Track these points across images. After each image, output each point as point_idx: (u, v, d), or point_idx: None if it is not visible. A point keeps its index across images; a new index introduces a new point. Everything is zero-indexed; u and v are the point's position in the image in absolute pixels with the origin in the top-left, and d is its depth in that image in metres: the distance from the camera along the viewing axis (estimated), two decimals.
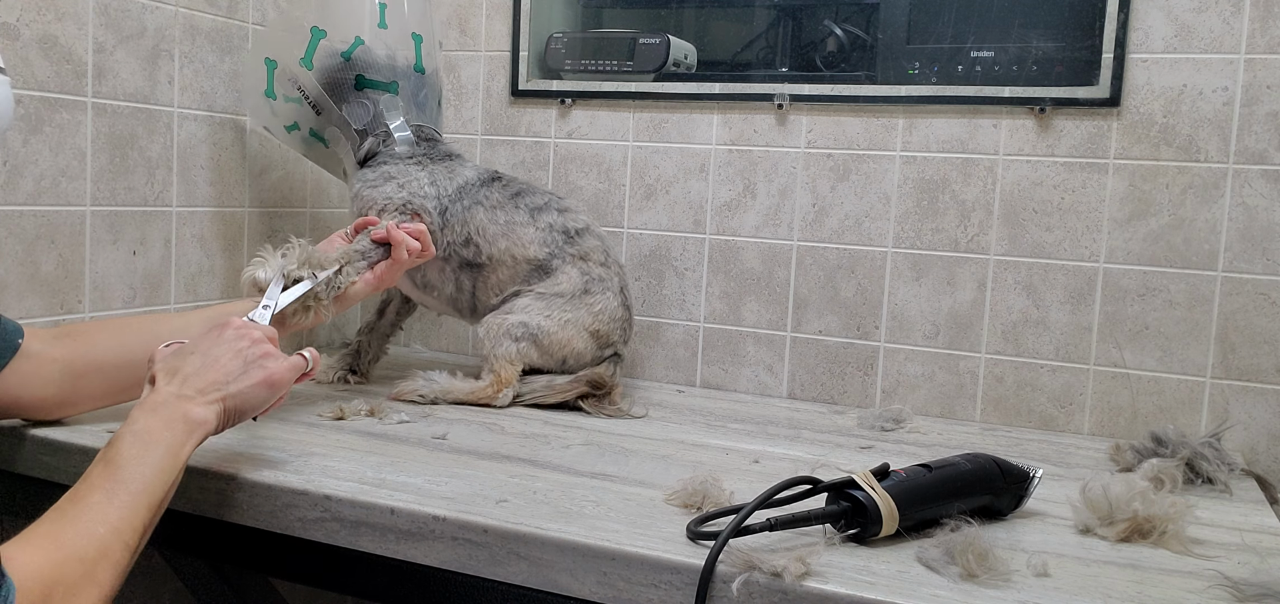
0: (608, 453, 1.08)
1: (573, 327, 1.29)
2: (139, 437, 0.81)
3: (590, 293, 1.30)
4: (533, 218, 1.32)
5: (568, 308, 1.29)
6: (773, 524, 0.78)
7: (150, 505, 0.79)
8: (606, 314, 1.31)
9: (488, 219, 1.31)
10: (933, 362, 1.39)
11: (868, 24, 1.43)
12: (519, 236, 1.31)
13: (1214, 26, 1.24)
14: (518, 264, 1.31)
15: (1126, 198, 1.29)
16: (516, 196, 1.33)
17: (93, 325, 1.06)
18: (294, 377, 0.95)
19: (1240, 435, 1.25)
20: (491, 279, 1.33)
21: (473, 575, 0.85)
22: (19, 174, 1.15)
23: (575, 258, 1.32)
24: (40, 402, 1.00)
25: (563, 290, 1.30)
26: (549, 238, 1.32)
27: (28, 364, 0.98)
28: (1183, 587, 0.77)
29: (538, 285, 1.31)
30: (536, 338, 1.27)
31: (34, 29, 1.15)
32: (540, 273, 1.31)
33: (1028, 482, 0.93)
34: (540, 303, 1.29)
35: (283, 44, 1.34)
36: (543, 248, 1.31)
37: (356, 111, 1.34)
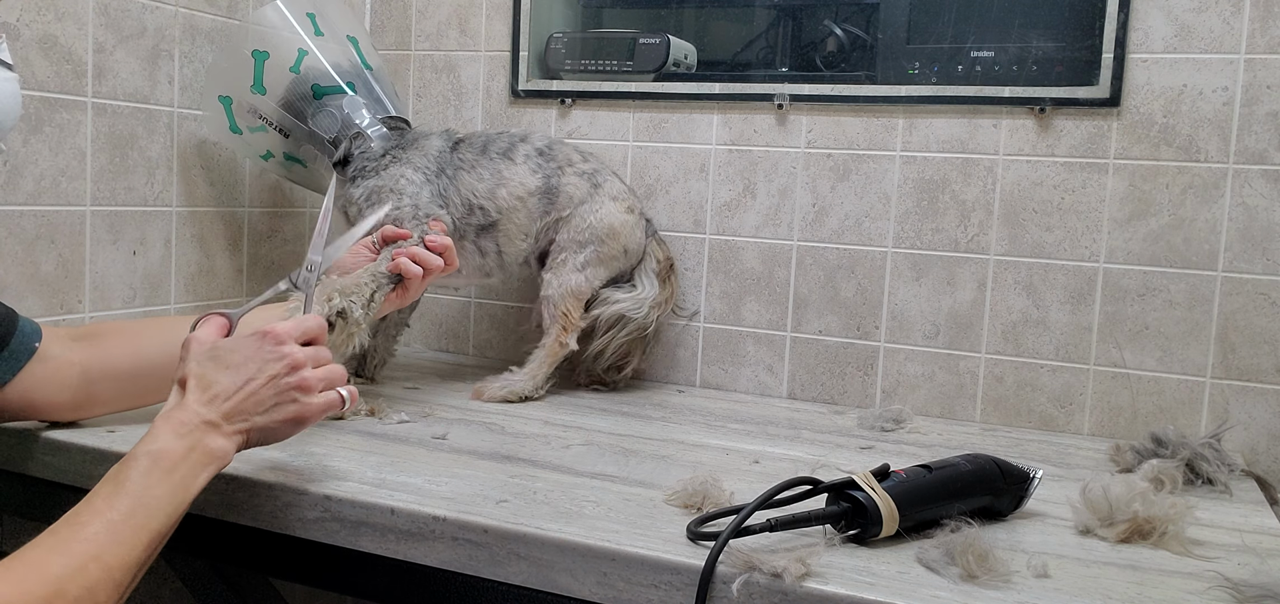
0: (608, 453, 1.08)
1: (612, 216, 1.34)
2: (156, 462, 0.78)
3: (599, 186, 1.36)
4: (510, 157, 1.35)
5: (596, 207, 1.34)
6: (773, 525, 0.78)
7: (150, 542, 0.76)
8: (622, 191, 1.37)
9: (475, 180, 1.33)
10: (933, 362, 1.39)
11: (868, 24, 1.43)
12: (510, 178, 1.34)
13: (1214, 26, 1.24)
14: (526, 202, 1.34)
15: (1126, 198, 1.29)
16: (485, 149, 1.36)
17: (110, 328, 1.05)
18: (324, 416, 0.90)
19: (1240, 436, 1.25)
20: (511, 228, 1.35)
21: (473, 575, 0.85)
22: (19, 174, 1.15)
23: (563, 167, 1.36)
24: (55, 405, 1.00)
25: (579, 199, 1.35)
26: (534, 165, 1.35)
27: (45, 367, 0.97)
28: (1183, 588, 0.77)
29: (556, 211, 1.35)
30: (598, 253, 1.33)
31: (34, 29, 1.15)
32: (547, 197, 1.35)
33: (1028, 482, 0.93)
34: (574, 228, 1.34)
35: (230, 77, 1.33)
36: (535, 174, 1.35)
37: (323, 121, 1.32)
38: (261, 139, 1.35)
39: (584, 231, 1.34)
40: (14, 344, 0.95)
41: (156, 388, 1.04)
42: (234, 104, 1.34)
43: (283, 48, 1.32)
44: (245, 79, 1.32)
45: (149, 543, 0.76)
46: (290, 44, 1.33)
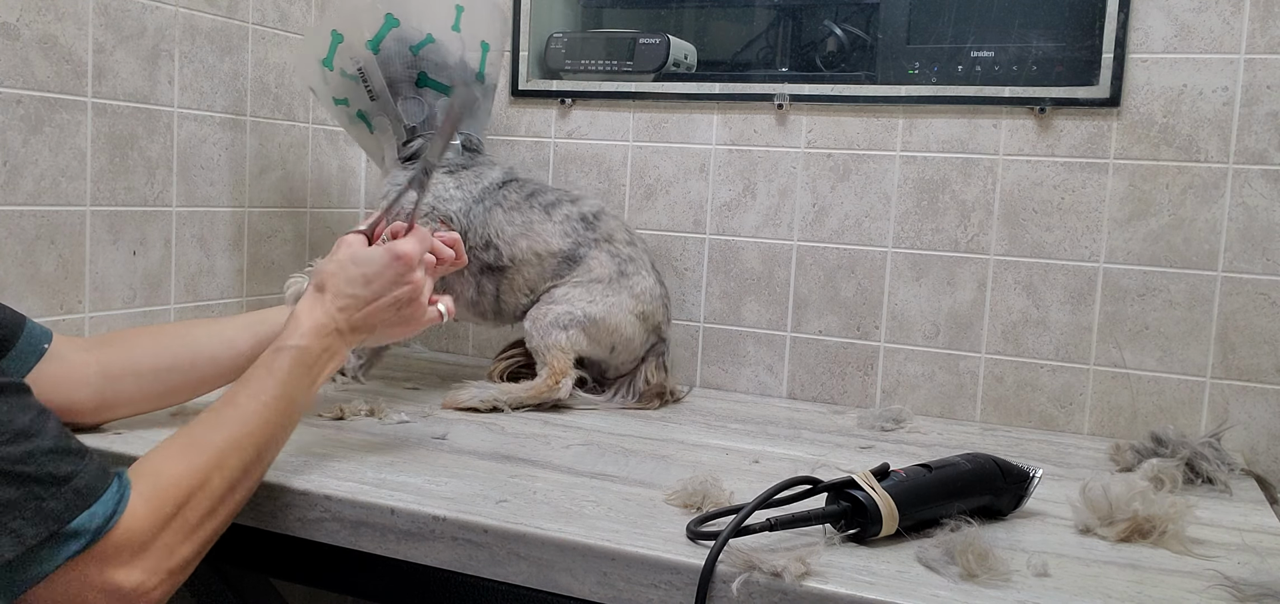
0: (608, 453, 1.08)
1: (619, 311, 1.28)
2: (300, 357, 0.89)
3: (626, 274, 1.30)
4: (548, 213, 1.32)
5: (609, 292, 1.28)
6: (773, 524, 0.78)
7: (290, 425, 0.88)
8: (647, 293, 1.31)
9: (505, 220, 1.30)
10: (933, 362, 1.39)
11: (868, 24, 1.43)
12: (538, 233, 1.30)
13: (1214, 26, 1.24)
14: (543, 260, 1.30)
15: (1126, 198, 1.29)
16: (531, 196, 1.33)
17: (130, 332, 1.05)
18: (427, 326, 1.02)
19: (1240, 435, 1.25)
20: (517, 280, 1.32)
21: (473, 575, 0.85)
22: (19, 174, 1.15)
23: (600, 242, 1.31)
24: (76, 405, 0.99)
25: (599, 276, 1.29)
26: (569, 228, 1.31)
27: (58, 367, 0.97)
28: (1183, 587, 0.77)
29: (571, 276, 1.30)
30: (584, 325, 1.27)
31: (34, 29, 1.15)
32: (569, 264, 1.31)
33: (1028, 482, 0.93)
34: (581, 290, 1.28)
35: (353, 21, 1.31)
36: (566, 238, 1.31)
37: (412, 108, 1.31)
38: (346, 86, 1.33)
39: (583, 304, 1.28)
40: (21, 344, 0.94)
41: (178, 389, 1.04)
42: (342, 44, 1.31)
43: (415, 22, 1.32)
44: (366, 31, 1.30)
45: (290, 426, 0.89)
46: (423, 24, 1.32)
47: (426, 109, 1.31)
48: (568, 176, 1.56)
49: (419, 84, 1.31)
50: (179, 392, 1.05)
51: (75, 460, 0.72)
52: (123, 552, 0.72)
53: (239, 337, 1.04)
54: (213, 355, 1.04)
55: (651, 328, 1.32)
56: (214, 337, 1.05)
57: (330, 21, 1.34)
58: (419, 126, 1.31)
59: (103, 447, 0.99)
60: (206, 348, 1.04)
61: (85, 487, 0.71)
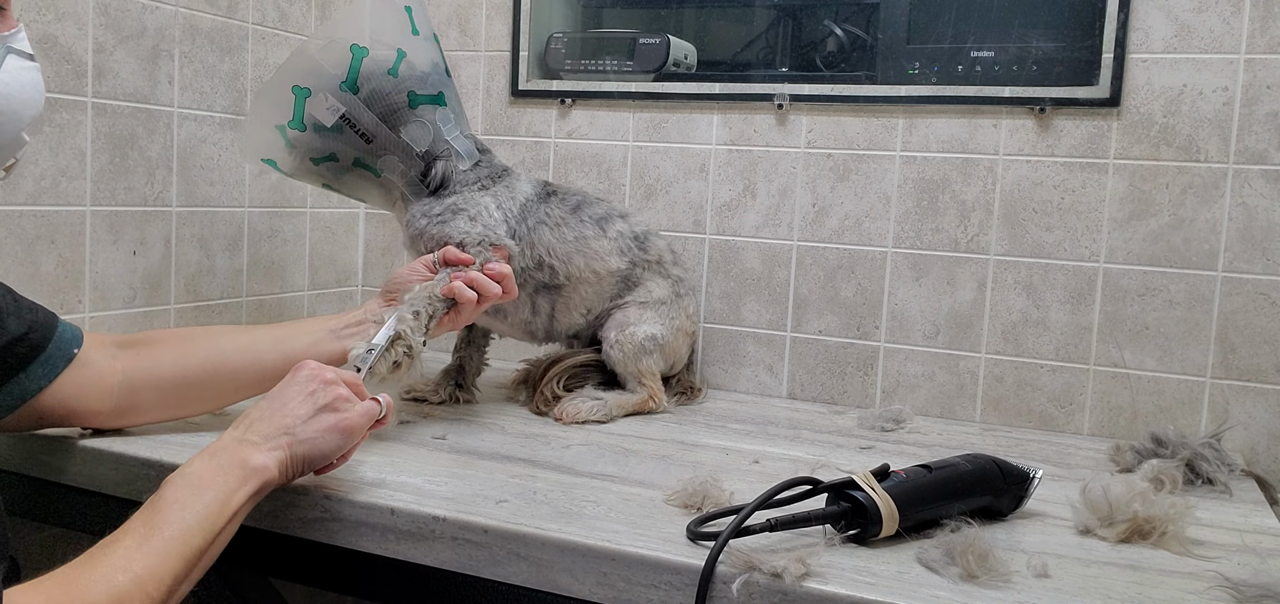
0: (608, 453, 1.08)
1: (679, 334, 1.33)
2: (189, 481, 0.79)
3: (681, 297, 1.34)
4: (602, 229, 1.29)
5: (672, 315, 1.32)
6: (773, 525, 0.78)
7: (185, 556, 0.75)
8: (692, 312, 1.37)
9: (556, 238, 1.26)
10: (933, 362, 1.39)
11: (868, 24, 1.43)
12: (594, 250, 1.28)
13: (1214, 26, 1.24)
14: (602, 280, 1.29)
15: (1126, 198, 1.29)
16: (577, 209, 1.29)
17: (159, 336, 1.04)
18: (368, 423, 0.90)
19: (1240, 436, 1.25)
20: (574, 298, 1.29)
21: (473, 576, 0.85)
22: (19, 174, 1.15)
23: (653, 264, 1.33)
24: (97, 412, 0.99)
25: (660, 298, 1.32)
26: (624, 247, 1.30)
27: (85, 373, 0.96)
28: (1183, 588, 0.77)
29: (630, 296, 1.31)
30: (661, 347, 1.30)
31: (34, 29, 1.15)
32: (626, 284, 1.31)
33: (1028, 482, 0.93)
34: (651, 313, 1.30)
35: (315, 69, 1.15)
36: (622, 258, 1.30)
37: (416, 133, 1.20)
38: (328, 141, 1.18)
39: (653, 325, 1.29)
40: (51, 349, 0.94)
41: (200, 400, 1.04)
42: (311, 97, 1.15)
43: (379, 47, 1.17)
44: (336, 71, 1.15)
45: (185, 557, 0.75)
46: (390, 43, 1.18)
47: (430, 128, 1.20)
48: (568, 177, 1.56)
49: (412, 105, 1.19)
50: (200, 403, 1.04)
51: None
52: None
53: (267, 353, 1.03)
54: (236, 370, 1.03)
55: (691, 345, 1.39)
56: (241, 349, 1.03)
57: (285, 80, 1.16)
58: (429, 149, 1.21)
59: (124, 451, 0.99)
60: (231, 362, 1.03)
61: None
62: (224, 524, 0.78)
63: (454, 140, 1.23)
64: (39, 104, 0.88)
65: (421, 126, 1.20)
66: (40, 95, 0.88)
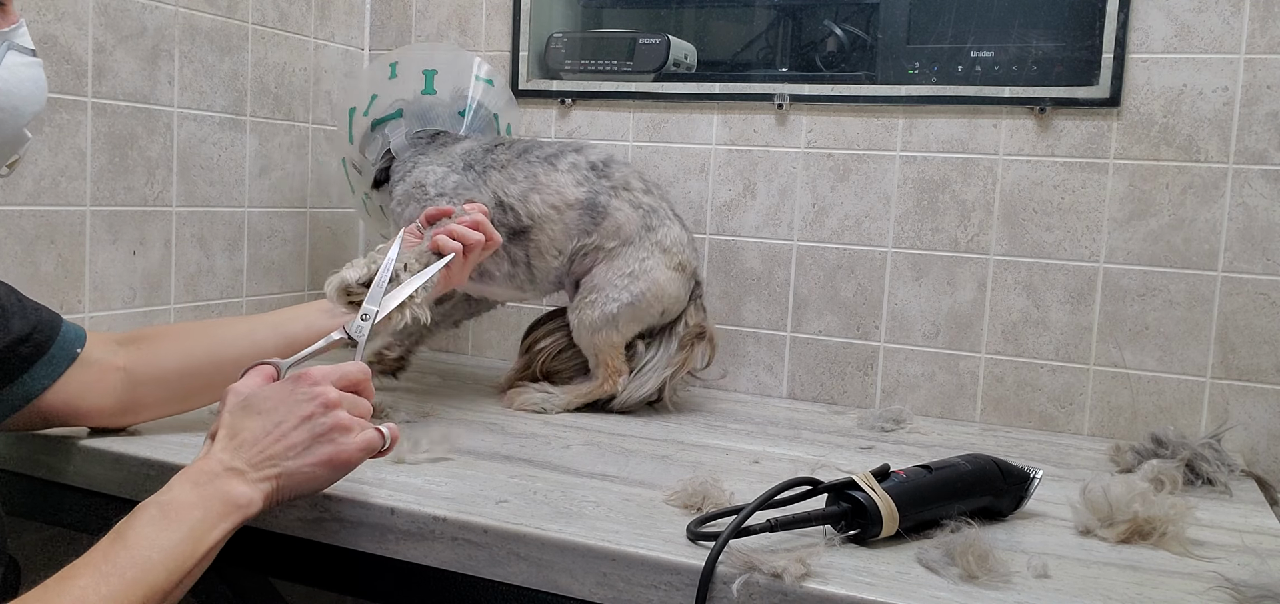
0: (608, 453, 1.08)
1: (657, 271, 1.22)
2: (164, 511, 0.73)
3: (652, 228, 1.25)
4: (552, 164, 1.25)
5: (643, 255, 1.23)
6: (773, 525, 0.78)
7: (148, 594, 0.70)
8: (677, 243, 1.25)
9: (506, 179, 1.24)
10: (933, 362, 1.39)
11: (868, 24, 1.43)
12: (548, 184, 1.23)
13: (1214, 26, 1.24)
14: (564, 214, 1.24)
15: (1126, 198, 1.29)
16: (524, 152, 1.27)
17: (158, 331, 1.03)
18: (365, 458, 0.83)
19: (1240, 436, 1.25)
20: (542, 240, 1.24)
21: (473, 576, 0.84)
22: (19, 174, 1.15)
23: (618, 189, 1.25)
24: (100, 410, 0.98)
25: (628, 235, 1.23)
26: (580, 176, 1.24)
27: (88, 372, 0.96)
28: (1183, 588, 0.77)
29: (599, 238, 1.24)
30: (631, 310, 1.22)
31: (34, 29, 1.15)
32: (592, 214, 1.24)
33: (1028, 483, 0.93)
34: (614, 271, 1.23)
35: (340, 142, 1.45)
36: (580, 186, 1.24)
37: (372, 148, 1.36)
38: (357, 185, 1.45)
39: (620, 285, 1.22)
40: (54, 349, 0.94)
41: (203, 391, 1.03)
42: (347, 163, 1.45)
43: (363, 96, 1.41)
44: (345, 136, 1.44)
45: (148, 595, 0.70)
46: (366, 89, 1.41)
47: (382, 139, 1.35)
48: None
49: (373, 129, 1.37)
50: (204, 394, 1.04)
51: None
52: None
53: (267, 338, 1.03)
54: (238, 359, 1.01)
55: (689, 275, 1.27)
56: (242, 338, 1.03)
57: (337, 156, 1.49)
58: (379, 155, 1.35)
59: (124, 451, 0.99)
60: (232, 350, 1.02)
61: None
62: (196, 562, 0.73)
63: (392, 138, 1.34)
64: (41, 100, 0.87)
65: (376, 141, 1.36)
66: (42, 92, 0.87)
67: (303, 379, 0.83)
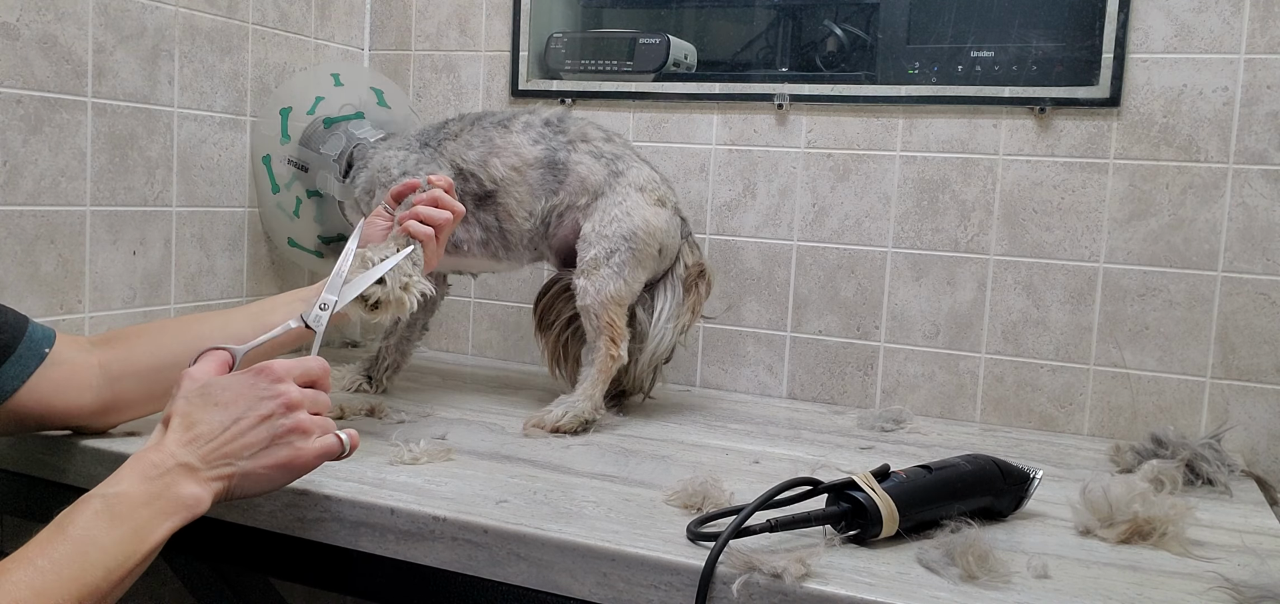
0: (607, 453, 1.08)
1: (642, 209, 1.18)
2: (108, 506, 0.71)
3: (620, 173, 1.21)
4: (505, 127, 1.24)
5: (620, 198, 1.19)
6: (773, 525, 0.78)
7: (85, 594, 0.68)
8: (650, 180, 1.22)
9: (462, 146, 1.24)
10: (933, 362, 1.39)
11: (868, 24, 1.43)
12: (504, 146, 1.23)
13: (1214, 26, 1.24)
14: (525, 175, 1.22)
15: (1126, 198, 1.29)
16: (477, 121, 1.27)
17: (133, 331, 1.02)
18: (319, 463, 0.83)
19: (1240, 436, 1.25)
20: (510, 203, 1.23)
21: (473, 576, 0.84)
22: (19, 174, 1.15)
23: (576, 141, 1.22)
24: (78, 408, 0.97)
25: (595, 186, 1.20)
26: (537, 135, 1.23)
27: (60, 371, 0.95)
28: (1183, 588, 0.77)
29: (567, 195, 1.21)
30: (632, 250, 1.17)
31: (34, 29, 1.15)
32: (553, 171, 1.21)
33: (1028, 483, 0.93)
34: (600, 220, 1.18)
35: (265, 139, 1.46)
36: (536, 144, 1.22)
37: (331, 143, 1.38)
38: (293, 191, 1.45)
39: (611, 231, 1.17)
40: (21, 349, 0.93)
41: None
42: (273, 160, 1.45)
43: (301, 99, 1.45)
44: (274, 136, 1.44)
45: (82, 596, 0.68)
46: (309, 93, 1.45)
47: (343, 136, 1.38)
48: None
49: (327, 126, 1.40)
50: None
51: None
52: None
53: (244, 330, 1.02)
54: None
55: (672, 210, 1.23)
56: (218, 330, 1.02)
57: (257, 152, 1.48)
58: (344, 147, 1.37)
59: (124, 451, 0.99)
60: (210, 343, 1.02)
61: None
62: (138, 562, 0.72)
63: (363, 133, 1.37)
64: None
65: (335, 137, 1.38)
66: None
67: (264, 373, 0.81)
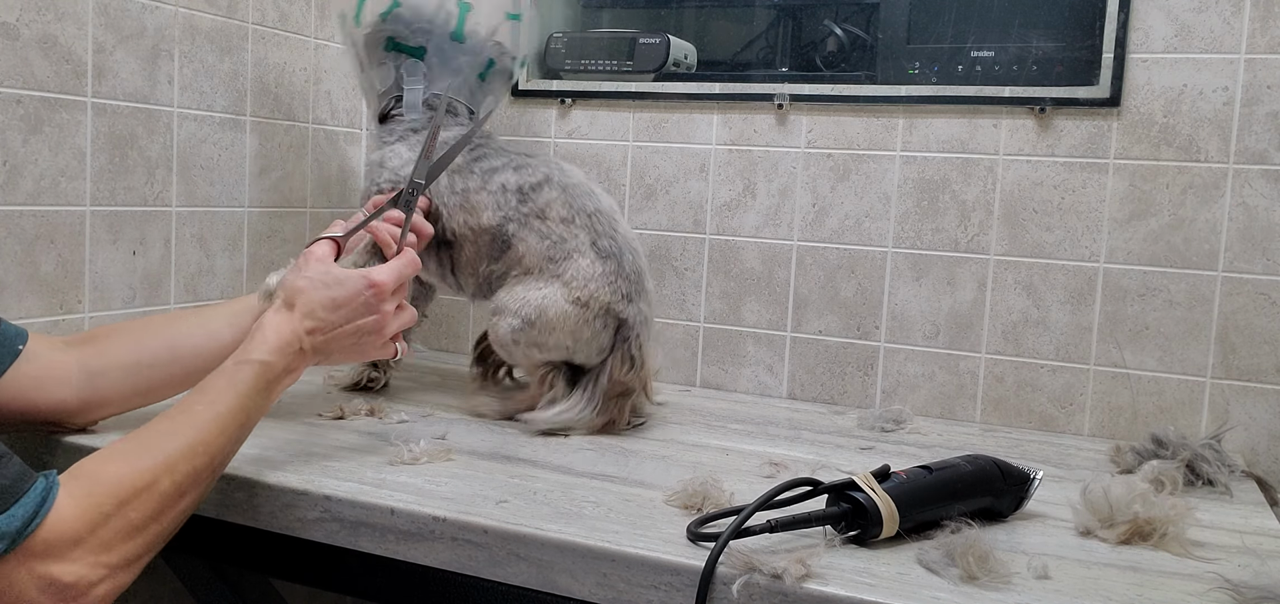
0: (608, 453, 1.08)
1: (553, 304, 1.12)
2: (262, 373, 0.88)
3: (555, 260, 1.14)
4: (485, 181, 1.18)
5: (540, 284, 1.14)
6: (773, 526, 0.78)
7: (241, 438, 0.87)
8: (582, 277, 1.12)
9: (448, 188, 1.19)
10: (933, 362, 1.39)
11: (868, 24, 1.43)
12: (473, 205, 1.18)
13: (1214, 26, 1.24)
14: (479, 237, 1.18)
15: (1126, 198, 1.29)
16: (478, 159, 1.20)
17: (111, 329, 1.04)
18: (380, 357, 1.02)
19: (1240, 436, 1.25)
20: (461, 258, 1.21)
21: (472, 576, 0.85)
22: (19, 174, 1.15)
23: (530, 219, 1.15)
24: (59, 404, 0.98)
25: (528, 266, 1.15)
26: (501, 201, 1.17)
27: (35, 366, 0.96)
28: (1183, 589, 0.77)
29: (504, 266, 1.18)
30: (527, 332, 1.13)
31: (34, 29, 1.15)
32: (499, 244, 1.17)
33: (1028, 483, 0.93)
34: (516, 291, 1.15)
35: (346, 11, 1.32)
36: (496, 213, 1.17)
37: (382, 74, 1.27)
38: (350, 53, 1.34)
39: (515, 308, 1.14)
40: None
41: (163, 384, 1.03)
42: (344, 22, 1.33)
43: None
44: (352, 4, 1.30)
45: (242, 439, 0.88)
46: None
47: (392, 72, 1.26)
48: None
49: (387, 48, 1.27)
50: (164, 386, 1.03)
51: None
52: (54, 549, 0.72)
53: (222, 328, 1.04)
54: (195, 348, 1.03)
55: (600, 312, 1.13)
56: (196, 329, 1.04)
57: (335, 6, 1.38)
58: (387, 90, 1.27)
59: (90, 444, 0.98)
60: (189, 341, 1.03)
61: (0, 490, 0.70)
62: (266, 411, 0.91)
63: (407, 91, 1.26)
64: None
65: (385, 69, 1.27)
66: None
67: (374, 289, 0.96)
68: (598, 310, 1.13)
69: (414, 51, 1.27)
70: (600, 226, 1.16)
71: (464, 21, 1.28)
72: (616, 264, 1.15)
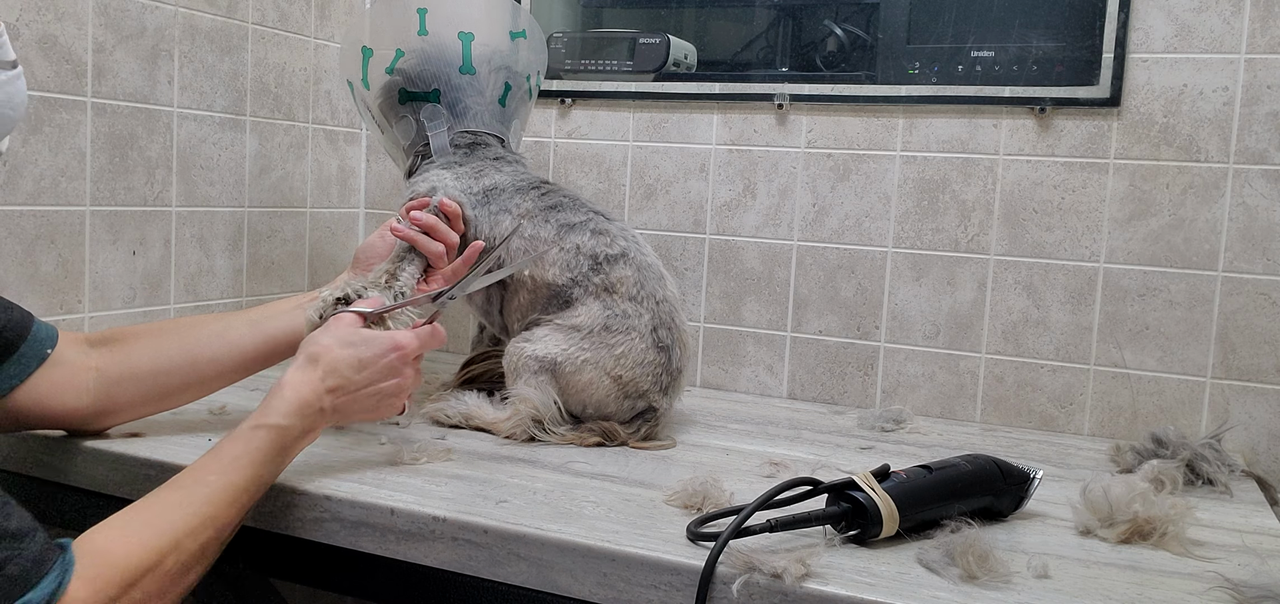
0: (608, 453, 1.08)
1: (591, 368, 1.11)
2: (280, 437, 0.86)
3: (611, 331, 1.12)
4: (560, 237, 1.16)
5: (586, 345, 1.11)
6: (773, 525, 0.78)
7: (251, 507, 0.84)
8: (631, 358, 1.11)
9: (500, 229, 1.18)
10: (933, 362, 1.39)
11: (868, 24, 1.43)
12: (541, 257, 1.16)
13: (1214, 26, 1.24)
14: (537, 288, 1.16)
15: (1127, 198, 1.29)
16: (553, 209, 1.18)
17: (132, 331, 1.03)
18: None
19: (1240, 436, 1.25)
20: (513, 302, 1.19)
21: (473, 576, 0.84)
22: (19, 174, 1.15)
23: (600, 290, 1.14)
24: (74, 410, 0.97)
25: (581, 324, 1.13)
26: (573, 261, 1.15)
27: (60, 371, 0.95)
28: (1183, 588, 0.77)
29: (558, 316, 1.15)
30: (554, 372, 1.11)
31: (34, 29, 1.15)
32: (558, 301, 1.15)
33: (1028, 483, 0.93)
34: (559, 336, 1.13)
35: (349, 64, 1.33)
36: (564, 272, 1.15)
37: (403, 128, 1.27)
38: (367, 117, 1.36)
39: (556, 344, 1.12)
40: (24, 348, 0.93)
41: (179, 391, 1.03)
42: (354, 89, 1.34)
43: (384, 43, 1.29)
44: (356, 71, 1.31)
45: (250, 508, 0.85)
46: (391, 41, 1.29)
47: (412, 124, 1.26)
48: (568, 177, 1.56)
49: (401, 101, 1.27)
50: (180, 394, 1.03)
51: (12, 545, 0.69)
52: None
53: (244, 336, 1.03)
54: (214, 356, 1.02)
55: (631, 394, 1.13)
56: (216, 336, 1.03)
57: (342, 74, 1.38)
58: (412, 143, 1.26)
59: (124, 451, 0.99)
60: (208, 349, 1.02)
61: (20, 573, 0.68)
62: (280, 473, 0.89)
63: (433, 138, 1.25)
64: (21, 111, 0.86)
65: (406, 122, 1.27)
66: (23, 102, 0.86)
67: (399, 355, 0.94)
68: (634, 394, 1.13)
69: (429, 96, 1.26)
70: (663, 316, 1.15)
71: (470, 53, 1.28)
72: (667, 358, 1.14)
